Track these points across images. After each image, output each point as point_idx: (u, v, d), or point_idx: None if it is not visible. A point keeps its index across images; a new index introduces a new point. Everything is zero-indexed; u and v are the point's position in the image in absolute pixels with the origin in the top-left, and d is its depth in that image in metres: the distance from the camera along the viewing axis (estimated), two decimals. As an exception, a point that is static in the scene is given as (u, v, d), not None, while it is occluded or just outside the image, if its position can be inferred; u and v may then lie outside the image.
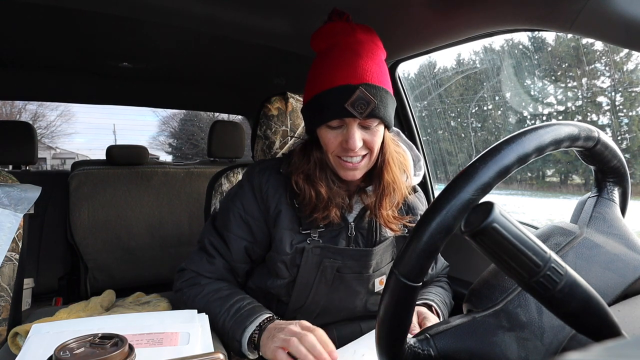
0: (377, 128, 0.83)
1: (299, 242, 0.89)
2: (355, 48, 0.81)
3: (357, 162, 0.84)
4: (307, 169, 0.89)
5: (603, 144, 0.50)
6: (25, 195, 0.86)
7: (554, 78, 3.94)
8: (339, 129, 0.83)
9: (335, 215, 0.87)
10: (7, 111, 14.22)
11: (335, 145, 0.83)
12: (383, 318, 0.43)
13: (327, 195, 0.87)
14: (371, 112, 0.79)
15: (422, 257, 0.40)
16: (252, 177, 0.94)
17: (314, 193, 0.87)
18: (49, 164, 15.84)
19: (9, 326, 0.81)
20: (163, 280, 2.24)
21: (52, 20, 1.34)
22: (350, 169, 0.85)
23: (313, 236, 0.89)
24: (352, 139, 0.80)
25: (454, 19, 1.06)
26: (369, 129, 0.82)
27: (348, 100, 0.77)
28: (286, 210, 0.90)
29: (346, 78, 0.79)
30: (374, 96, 0.78)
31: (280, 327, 0.75)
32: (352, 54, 0.80)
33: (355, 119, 0.79)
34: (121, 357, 0.51)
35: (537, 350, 0.45)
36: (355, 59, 0.80)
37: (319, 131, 0.85)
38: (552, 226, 0.56)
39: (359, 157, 0.84)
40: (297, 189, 0.88)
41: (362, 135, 0.82)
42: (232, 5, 1.20)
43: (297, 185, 0.88)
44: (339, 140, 0.83)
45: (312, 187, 0.87)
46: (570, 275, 0.38)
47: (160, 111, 16.18)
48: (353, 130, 0.80)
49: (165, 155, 16.98)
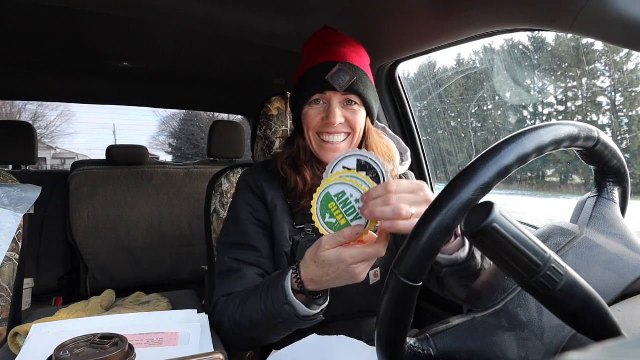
0: (359, 109, 0.87)
1: (295, 235, 0.90)
2: (339, 43, 0.90)
3: (338, 142, 0.87)
4: (292, 152, 0.93)
5: (603, 144, 0.50)
6: (25, 195, 0.86)
7: (554, 78, 3.94)
8: (321, 107, 0.87)
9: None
10: (7, 111, 14.21)
11: (317, 121, 0.87)
12: (383, 318, 0.43)
13: (312, 182, 0.89)
14: (351, 87, 0.84)
15: (422, 257, 0.40)
16: (247, 178, 0.97)
17: (300, 179, 0.90)
18: (49, 164, 15.83)
19: (9, 326, 0.81)
20: (163, 280, 2.24)
21: (52, 20, 1.34)
22: (330, 150, 0.87)
23: (307, 230, 0.90)
24: (332, 113, 0.84)
25: (454, 19, 1.06)
26: (351, 107, 0.87)
27: (328, 73, 0.83)
28: (281, 205, 0.92)
29: (328, 57, 0.87)
30: (353, 72, 0.84)
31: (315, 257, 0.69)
32: (335, 45, 0.89)
33: (336, 93, 0.84)
34: (121, 357, 0.51)
35: (537, 350, 0.45)
36: (337, 47, 0.89)
37: (303, 113, 0.89)
38: (552, 226, 0.56)
39: (341, 137, 0.87)
40: (283, 174, 0.92)
41: (343, 113, 0.86)
42: (232, 5, 1.20)
43: (282, 171, 0.92)
44: (320, 116, 0.86)
45: (298, 173, 0.90)
46: (570, 275, 0.38)
47: (160, 111, 16.17)
48: (334, 105, 0.85)
49: (165, 155, 16.98)
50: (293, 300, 0.71)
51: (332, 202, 0.65)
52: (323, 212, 0.66)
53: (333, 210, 0.66)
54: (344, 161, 0.67)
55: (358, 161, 0.67)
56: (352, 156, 0.67)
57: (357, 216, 0.65)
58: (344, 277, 0.67)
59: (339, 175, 0.65)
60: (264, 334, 0.79)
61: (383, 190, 0.61)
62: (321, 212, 0.66)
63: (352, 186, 0.65)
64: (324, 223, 0.67)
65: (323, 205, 0.66)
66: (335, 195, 0.65)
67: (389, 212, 0.59)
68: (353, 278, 0.67)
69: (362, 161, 0.67)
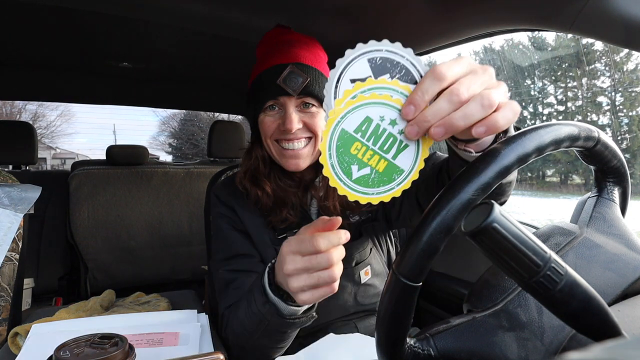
0: (317, 110, 0.82)
1: (278, 245, 0.81)
2: (291, 43, 0.83)
3: (298, 148, 0.82)
4: (250, 165, 0.88)
5: (603, 144, 0.50)
6: (25, 195, 0.86)
7: (554, 78, 3.94)
8: (276, 114, 0.82)
9: (290, 216, 0.85)
10: (7, 111, 14.22)
11: (273, 128, 0.82)
12: (383, 318, 0.43)
13: (274, 194, 0.84)
14: (305, 89, 0.78)
15: (422, 257, 0.40)
16: (217, 192, 0.95)
17: (260, 192, 0.85)
18: (49, 164, 15.84)
19: (9, 326, 0.81)
20: (163, 280, 2.24)
21: (52, 20, 1.34)
22: (291, 157, 0.82)
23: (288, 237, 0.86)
24: (288, 119, 0.78)
25: (454, 19, 1.06)
26: (308, 111, 0.81)
27: (279, 76, 0.78)
28: (256, 221, 0.89)
29: (278, 59, 0.80)
30: (307, 73, 0.79)
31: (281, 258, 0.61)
32: (286, 45, 0.83)
33: (290, 97, 0.79)
34: (121, 357, 0.51)
35: (537, 350, 0.45)
36: (288, 47, 0.82)
37: (259, 121, 0.84)
38: (552, 226, 0.56)
39: (301, 142, 0.82)
40: (242, 190, 0.87)
41: (300, 117, 0.81)
42: (232, 5, 1.20)
43: (242, 187, 0.87)
44: (276, 123, 0.81)
45: (257, 186, 0.85)
46: (570, 275, 0.38)
47: (160, 111, 16.19)
48: (290, 110, 0.79)
49: (165, 155, 16.99)
50: (272, 298, 0.65)
51: (356, 142, 0.42)
52: (345, 164, 0.43)
53: (360, 153, 0.43)
54: (350, 70, 0.42)
55: (371, 62, 0.42)
56: (359, 57, 0.42)
57: (401, 145, 0.43)
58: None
59: (352, 96, 0.42)
60: (263, 343, 0.74)
61: (432, 83, 0.40)
62: (342, 166, 0.43)
63: (377, 104, 0.42)
64: (353, 183, 0.44)
65: (342, 154, 0.43)
66: (355, 129, 0.42)
67: (459, 114, 0.39)
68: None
69: (376, 60, 0.42)
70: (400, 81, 0.42)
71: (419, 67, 0.43)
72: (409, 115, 0.41)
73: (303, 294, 0.59)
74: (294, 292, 0.60)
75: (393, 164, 0.44)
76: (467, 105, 0.39)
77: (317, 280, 0.57)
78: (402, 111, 0.42)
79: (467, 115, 0.39)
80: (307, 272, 0.57)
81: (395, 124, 0.42)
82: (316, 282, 0.57)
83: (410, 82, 0.43)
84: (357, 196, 0.44)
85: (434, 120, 0.40)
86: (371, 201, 0.45)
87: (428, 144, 0.44)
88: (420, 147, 0.44)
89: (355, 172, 0.43)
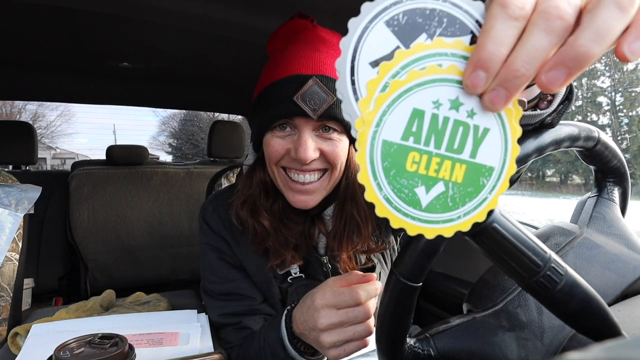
0: (339, 138, 0.64)
1: (281, 283, 0.74)
2: (314, 44, 0.64)
3: (310, 182, 0.64)
4: (250, 194, 0.70)
5: (603, 144, 0.50)
6: (25, 195, 0.86)
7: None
8: (288, 136, 0.64)
9: (293, 259, 0.70)
10: (7, 111, 14.23)
11: (281, 154, 0.64)
12: (383, 318, 0.43)
13: (275, 233, 0.69)
14: (328, 111, 0.60)
15: (422, 257, 0.40)
16: (209, 220, 0.78)
17: (258, 226, 0.69)
18: (49, 164, 15.85)
19: (9, 326, 0.81)
20: (163, 280, 2.24)
21: (52, 20, 1.34)
22: (299, 193, 0.65)
23: (293, 273, 0.74)
24: (303, 146, 0.60)
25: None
26: (328, 136, 0.63)
27: (298, 91, 0.59)
28: (253, 256, 0.74)
29: (298, 68, 0.61)
30: (333, 90, 0.60)
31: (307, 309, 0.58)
32: (309, 49, 0.63)
33: (307, 119, 0.61)
34: (121, 357, 0.51)
35: (537, 350, 0.45)
36: (312, 52, 0.62)
37: (264, 140, 0.66)
38: (552, 226, 0.56)
39: (314, 175, 0.65)
40: (236, 223, 0.71)
41: (318, 145, 0.63)
42: (232, 5, 1.20)
43: (237, 220, 0.71)
44: (286, 148, 0.63)
45: (254, 219, 0.69)
46: (570, 275, 0.38)
47: (160, 111, 16.21)
48: (305, 135, 0.61)
49: (165, 155, 17.01)
50: (292, 353, 0.61)
51: (411, 153, 0.27)
52: (406, 190, 0.27)
53: (421, 167, 0.27)
54: (365, 49, 0.27)
55: (391, 25, 0.26)
56: (373, 24, 0.27)
57: (478, 132, 0.27)
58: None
59: (380, 88, 0.26)
60: None
61: (506, 21, 0.23)
62: (401, 195, 0.27)
63: (424, 85, 0.26)
64: (425, 214, 0.28)
65: (395, 178, 0.27)
66: (403, 135, 0.27)
67: (591, 32, 0.22)
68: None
69: (399, 18, 0.26)
70: (445, 38, 0.26)
71: (467, 7, 0.26)
72: (478, 86, 0.25)
73: (335, 350, 0.55)
74: (325, 348, 0.55)
75: (475, 165, 0.28)
76: (596, 14, 0.22)
77: (352, 334, 0.55)
78: (465, 82, 0.26)
79: (602, 29, 0.22)
80: (342, 326, 0.55)
81: (459, 105, 0.27)
82: (351, 336, 0.55)
83: (462, 34, 0.27)
84: (438, 229, 0.28)
85: (533, 68, 0.23)
86: (461, 228, 0.29)
87: (516, 115, 0.27)
88: (506, 125, 0.28)
89: (423, 196, 0.28)
